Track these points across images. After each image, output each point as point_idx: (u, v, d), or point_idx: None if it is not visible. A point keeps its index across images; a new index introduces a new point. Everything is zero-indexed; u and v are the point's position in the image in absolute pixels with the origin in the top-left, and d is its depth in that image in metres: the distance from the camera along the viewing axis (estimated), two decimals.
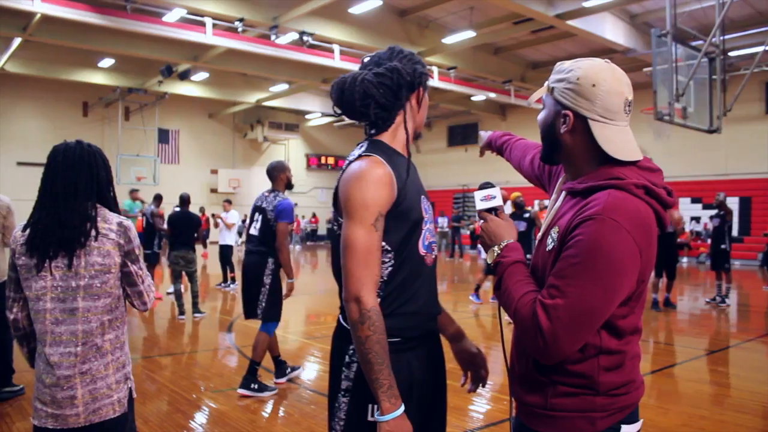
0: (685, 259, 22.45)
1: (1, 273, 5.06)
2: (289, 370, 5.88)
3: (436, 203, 25.27)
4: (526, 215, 9.52)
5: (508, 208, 9.84)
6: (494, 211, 1.77)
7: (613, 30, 17.59)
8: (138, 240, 2.31)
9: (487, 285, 11.70)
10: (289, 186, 5.63)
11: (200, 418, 4.81)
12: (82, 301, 2.17)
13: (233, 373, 6.13)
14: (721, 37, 10.67)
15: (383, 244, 1.80)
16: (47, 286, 2.16)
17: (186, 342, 8.10)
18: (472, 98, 25.35)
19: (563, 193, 1.70)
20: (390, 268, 1.83)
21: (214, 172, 31.48)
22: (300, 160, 34.81)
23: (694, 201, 23.21)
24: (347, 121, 29.56)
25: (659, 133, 11.27)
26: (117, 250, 2.22)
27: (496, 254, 1.66)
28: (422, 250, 1.88)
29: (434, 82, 21.29)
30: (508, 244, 1.66)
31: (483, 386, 2.11)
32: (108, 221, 2.23)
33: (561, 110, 1.61)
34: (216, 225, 13.44)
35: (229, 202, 14.24)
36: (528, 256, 1.64)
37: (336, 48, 18.63)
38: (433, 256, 1.93)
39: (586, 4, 15.23)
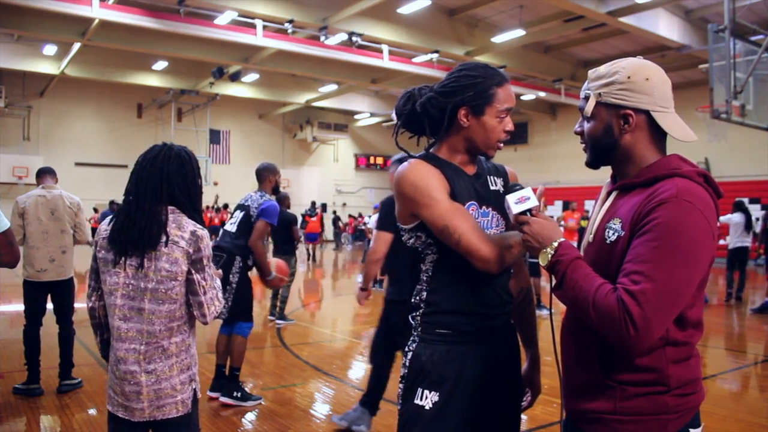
0: None
1: (70, 270, 5.32)
2: (239, 394, 5.03)
3: None
4: None
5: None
6: (529, 212, 1.69)
7: (667, 26, 17.18)
8: (209, 250, 2.28)
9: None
10: (276, 190, 5.36)
11: (250, 415, 4.88)
12: (148, 303, 2.21)
13: (283, 371, 6.21)
14: None
15: (428, 238, 1.88)
16: (119, 283, 2.22)
17: None
18: (522, 97, 25.05)
19: (613, 193, 1.70)
20: (433, 263, 1.91)
21: None
22: (349, 160, 35.08)
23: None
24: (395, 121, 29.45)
25: (714, 133, 10.95)
26: (185, 258, 2.22)
27: (550, 255, 1.61)
28: None
29: None
30: (561, 242, 1.61)
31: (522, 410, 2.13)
32: (182, 228, 2.23)
33: (619, 111, 1.62)
34: (369, 232, 12.92)
35: None
36: None
37: (385, 48, 18.68)
38: None
39: (639, 0, 14.91)
